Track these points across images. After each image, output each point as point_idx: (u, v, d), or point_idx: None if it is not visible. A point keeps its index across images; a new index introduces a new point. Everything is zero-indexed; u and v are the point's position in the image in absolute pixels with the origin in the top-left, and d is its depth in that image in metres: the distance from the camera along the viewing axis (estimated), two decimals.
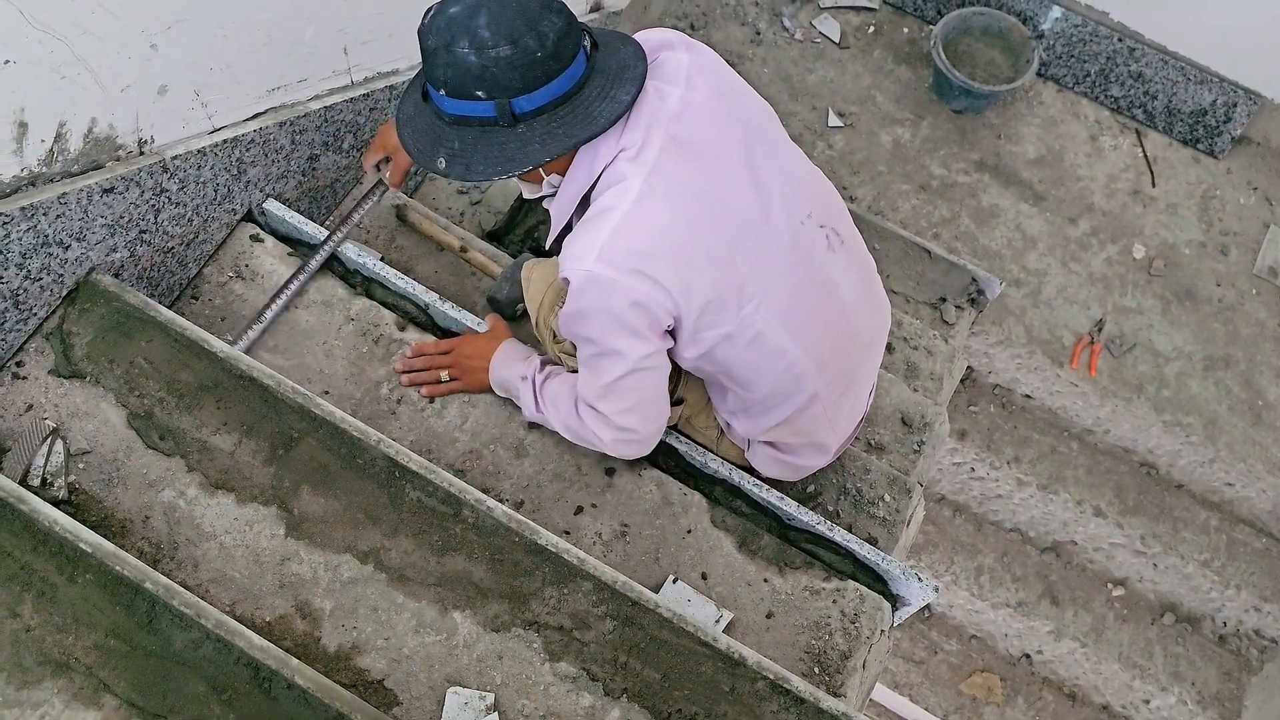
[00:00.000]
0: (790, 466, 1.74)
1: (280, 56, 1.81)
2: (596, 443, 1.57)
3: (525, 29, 1.29)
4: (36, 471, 1.47)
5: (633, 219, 1.35)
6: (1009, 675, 2.97)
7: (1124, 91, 3.15)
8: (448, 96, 1.34)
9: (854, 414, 1.74)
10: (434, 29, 1.32)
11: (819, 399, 1.60)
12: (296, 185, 1.99)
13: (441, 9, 1.33)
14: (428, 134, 1.40)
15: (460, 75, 1.31)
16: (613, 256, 1.35)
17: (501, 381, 1.72)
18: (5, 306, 1.48)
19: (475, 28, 1.29)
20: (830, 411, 1.64)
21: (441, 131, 1.38)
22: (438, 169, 1.39)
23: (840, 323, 1.59)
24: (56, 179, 1.49)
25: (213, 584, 1.46)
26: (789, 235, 1.47)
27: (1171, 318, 2.95)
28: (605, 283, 1.35)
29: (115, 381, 1.56)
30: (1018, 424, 2.95)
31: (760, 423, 1.65)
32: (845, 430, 1.73)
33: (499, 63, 1.29)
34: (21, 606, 1.31)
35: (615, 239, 1.35)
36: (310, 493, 1.53)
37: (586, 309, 1.39)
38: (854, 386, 1.69)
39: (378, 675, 1.43)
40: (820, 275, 1.53)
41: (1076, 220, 3.04)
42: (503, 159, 1.36)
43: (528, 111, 1.34)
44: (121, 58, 1.49)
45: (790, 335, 1.50)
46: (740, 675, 1.46)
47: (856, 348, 1.65)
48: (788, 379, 1.55)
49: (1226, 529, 2.91)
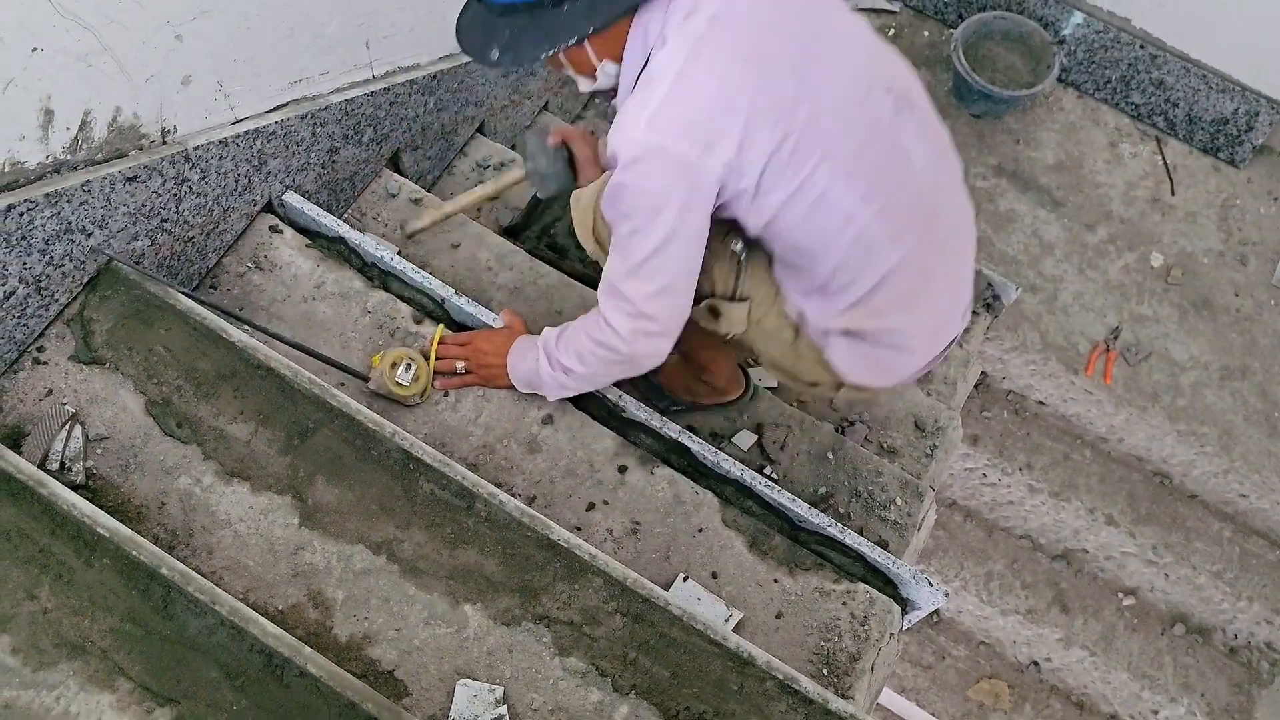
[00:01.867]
0: (873, 363, 1.62)
1: (302, 49, 1.82)
2: (614, 342, 1.51)
3: None
4: (55, 456, 1.48)
5: (681, 86, 1.33)
6: (1017, 682, 2.96)
7: (1145, 99, 3.13)
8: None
9: (940, 317, 1.61)
10: None
11: (894, 276, 1.49)
12: (316, 178, 2.01)
13: None
14: (483, 30, 1.44)
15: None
16: (661, 123, 1.33)
17: (520, 374, 1.72)
18: (28, 292, 1.50)
19: None
20: (909, 297, 1.53)
21: (494, 24, 1.42)
22: (491, 61, 1.42)
23: (912, 193, 1.48)
24: (81, 166, 1.50)
25: (227, 571, 1.47)
26: (852, 92, 1.41)
27: (1188, 327, 2.93)
28: (655, 149, 1.33)
29: (134, 368, 1.58)
30: (1031, 430, 2.94)
31: (834, 303, 1.54)
32: (930, 330, 1.61)
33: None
34: (39, 589, 1.32)
35: (664, 106, 1.33)
36: (325, 483, 1.54)
37: (632, 180, 1.37)
38: (936, 279, 1.57)
39: (388, 666, 1.44)
40: (889, 137, 1.45)
41: (1094, 227, 3.03)
42: (549, 35, 1.38)
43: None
44: (147, 47, 1.50)
45: (857, 197, 1.42)
46: (749, 675, 1.46)
47: (934, 229, 1.53)
48: (858, 249, 1.46)
49: (1239, 540, 2.90)
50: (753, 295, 1.62)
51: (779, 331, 1.64)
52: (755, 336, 1.67)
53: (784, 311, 1.62)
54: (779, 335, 1.64)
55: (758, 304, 1.63)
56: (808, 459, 1.97)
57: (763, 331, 1.65)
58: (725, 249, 1.58)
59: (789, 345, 1.64)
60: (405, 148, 2.25)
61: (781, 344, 1.65)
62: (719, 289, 1.62)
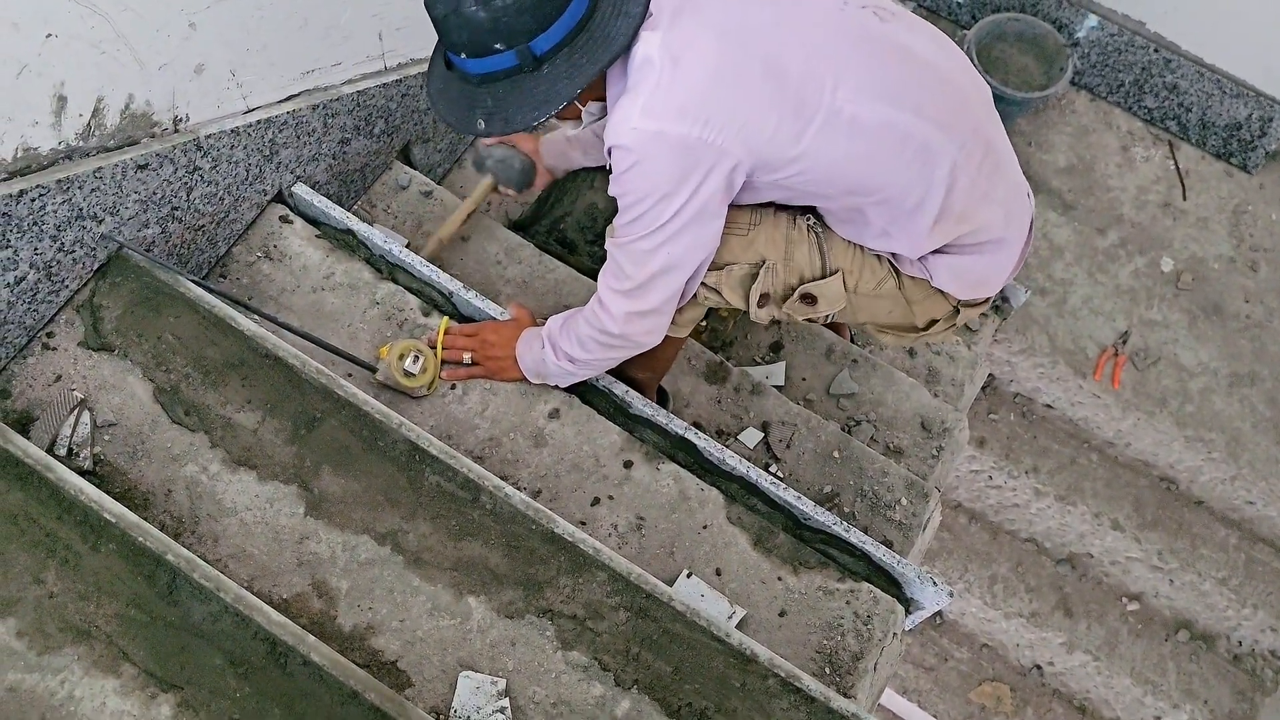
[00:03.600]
0: (977, 272, 1.59)
1: (316, 39, 1.82)
2: (608, 324, 1.54)
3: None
4: (63, 441, 1.49)
5: (668, 80, 1.34)
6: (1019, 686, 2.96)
7: (1158, 102, 3.12)
8: (469, 58, 1.36)
9: (1011, 196, 1.57)
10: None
11: (960, 171, 1.45)
12: (327, 168, 2.01)
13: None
14: (460, 101, 1.41)
15: (475, 33, 1.32)
16: (657, 110, 1.34)
17: (528, 364, 1.72)
18: (38, 278, 1.50)
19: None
20: (983, 182, 1.49)
21: (472, 94, 1.40)
22: (478, 131, 1.40)
23: (935, 83, 1.46)
24: (93, 153, 1.51)
25: (232, 559, 1.48)
26: (832, 13, 1.42)
27: (1198, 332, 2.92)
28: (653, 135, 1.34)
29: (143, 355, 1.58)
30: (1037, 433, 2.93)
31: (918, 225, 1.49)
32: (1009, 213, 1.57)
33: (508, 10, 1.30)
34: (45, 573, 1.33)
35: (655, 95, 1.34)
36: (331, 473, 1.54)
37: (634, 169, 1.38)
38: (994, 151, 1.52)
39: (391, 656, 1.44)
40: (886, 42, 1.43)
41: (1105, 231, 3.02)
42: (536, 103, 1.37)
43: (548, 50, 1.35)
44: (161, 35, 1.50)
45: (887, 103, 1.40)
46: (751, 672, 1.46)
47: (970, 110, 1.50)
48: (916, 158, 1.43)
49: (1246, 547, 2.89)
50: (841, 265, 1.61)
51: (880, 285, 1.62)
52: (858, 306, 1.66)
53: (876, 266, 1.61)
54: (882, 289, 1.62)
55: (849, 271, 1.61)
56: (813, 458, 1.96)
57: (863, 296, 1.64)
58: (798, 230, 1.58)
59: (895, 294, 1.63)
60: (416, 140, 2.25)
61: (887, 298, 1.64)
62: (807, 273, 1.61)
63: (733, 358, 2.18)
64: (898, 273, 1.61)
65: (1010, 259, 1.62)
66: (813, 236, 1.58)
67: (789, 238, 1.58)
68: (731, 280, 1.63)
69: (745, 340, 2.22)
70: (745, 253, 1.61)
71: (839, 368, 2.20)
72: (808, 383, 2.18)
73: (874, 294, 1.63)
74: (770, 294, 1.65)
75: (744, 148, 1.38)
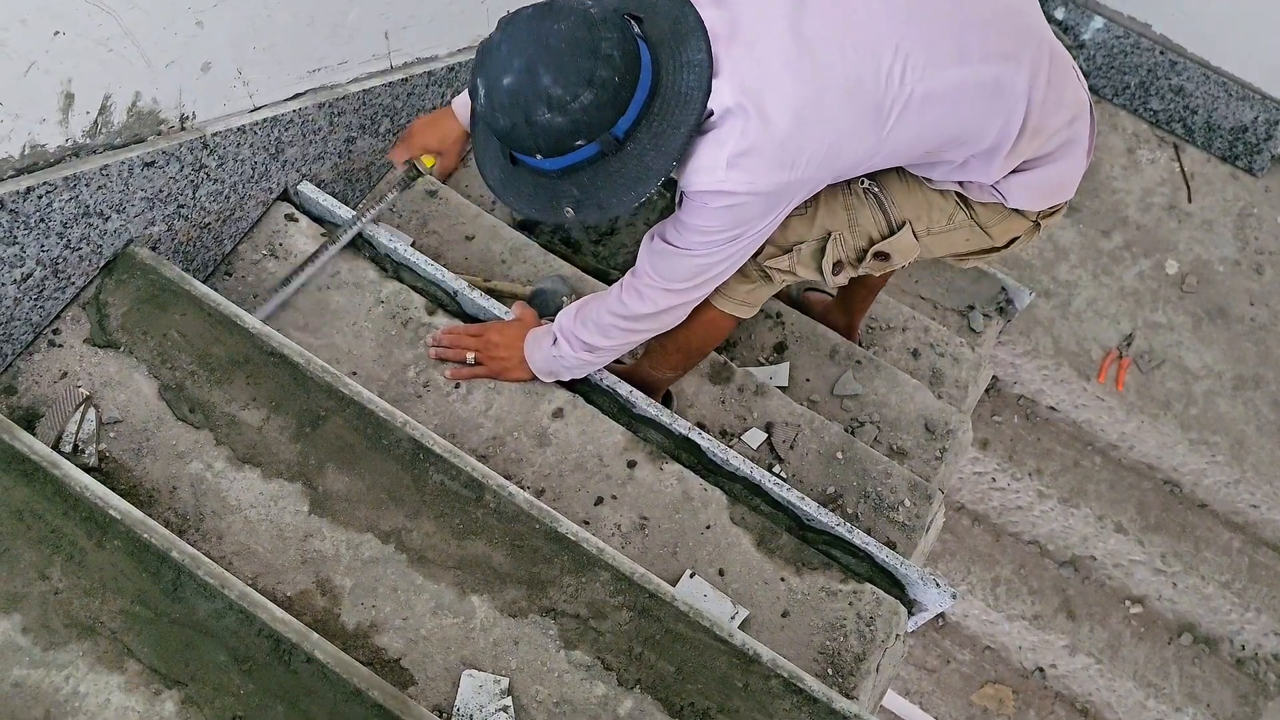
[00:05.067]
0: (1053, 180, 1.56)
1: (322, 38, 1.83)
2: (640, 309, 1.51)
3: (592, 62, 1.20)
4: (69, 438, 1.49)
5: (755, 131, 1.27)
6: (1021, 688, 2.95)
7: (1164, 105, 3.12)
8: (545, 158, 1.27)
9: (1073, 84, 1.52)
10: (500, 107, 1.23)
11: (1034, 88, 1.42)
12: (332, 167, 2.01)
13: (492, 84, 1.22)
14: (541, 192, 1.33)
15: (553, 137, 1.23)
16: (747, 165, 1.28)
17: (538, 362, 1.72)
18: (44, 275, 1.50)
19: (544, 89, 1.19)
20: (1053, 92, 1.45)
21: (553, 186, 1.31)
22: (567, 220, 1.34)
23: (988, 10, 1.40)
24: (99, 151, 1.51)
25: (236, 556, 1.48)
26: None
27: (1202, 335, 2.92)
28: (743, 186, 1.30)
29: (148, 353, 1.58)
30: (1041, 436, 2.93)
31: (996, 156, 1.47)
32: (1077, 104, 1.52)
33: (587, 110, 1.21)
34: (51, 569, 1.33)
35: (741, 147, 1.27)
36: (335, 471, 1.54)
37: (712, 211, 1.33)
38: (1054, 54, 1.47)
39: (394, 654, 1.44)
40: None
41: (1110, 233, 3.02)
42: (631, 183, 1.28)
43: (629, 128, 1.27)
44: (168, 33, 1.51)
45: (954, 64, 1.35)
46: (754, 672, 1.46)
47: (1024, 19, 1.45)
48: (992, 99, 1.39)
49: (1249, 551, 2.88)
50: (907, 215, 1.59)
51: (951, 219, 1.59)
52: (932, 246, 1.64)
53: (942, 204, 1.58)
54: (954, 223, 1.60)
55: (916, 219, 1.59)
56: (817, 458, 1.96)
57: (936, 235, 1.61)
58: (855, 196, 1.56)
59: (968, 224, 1.59)
60: None
61: (961, 229, 1.61)
62: (875, 234, 1.60)
63: (736, 358, 2.19)
64: (966, 202, 1.57)
65: (1081, 156, 1.57)
66: (871, 198, 1.55)
67: (848, 205, 1.56)
68: (803, 258, 1.64)
69: (749, 341, 2.22)
70: (810, 230, 1.61)
71: (843, 369, 2.20)
72: (811, 383, 2.18)
73: (946, 230, 1.60)
74: (843, 260, 1.64)
75: (830, 170, 1.35)
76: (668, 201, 2.30)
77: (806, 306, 2.34)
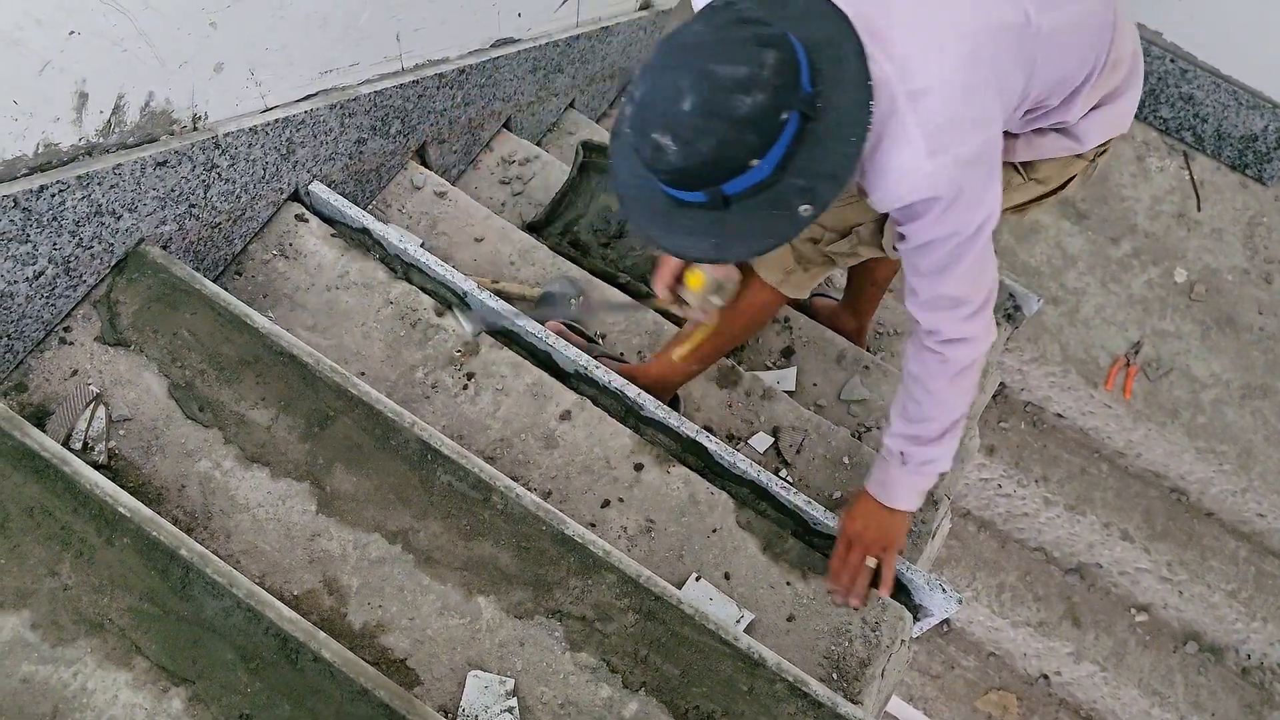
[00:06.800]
0: (1120, 111, 1.56)
1: (334, 39, 1.84)
2: (969, 353, 1.43)
3: (748, 28, 1.10)
4: (79, 435, 1.50)
5: (934, 104, 1.20)
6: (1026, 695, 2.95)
7: (1173, 113, 3.11)
8: (762, 157, 1.11)
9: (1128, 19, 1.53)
10: (696, 134, 1.09)
11: (1116, 16, 1.43)
12: (343, 168, 2.02)
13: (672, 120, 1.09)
14: (765, 212, 1.15)
15: (762, 121, 1.10)
16: (942, 139, 1.21)
17: (907, 493, 1.62)
18: (56, 272, 1.51)
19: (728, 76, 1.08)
20: (1123, 22, 1.46)
21: (775, 195, 1.15)
22: (806, 221, 1.16)
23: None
24: (112, 150, 1.52)
25: (244, 555, 1.48)
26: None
27: (1210, 344, 2.91)
28: (952, 164, 1.22)
29: (158, 351, 1.59)
30: (1048, 443, 2.93)
31: (1081, 93, 1.46)
32: (1135, 33, 1.54)
33: (777, 69, 1.09)
34: (60, 565, 1.34)
35: (928, 126, 1.20)
36: (343, 471, 1.55)
37: (946, 209, 1.25)
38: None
39: (400, 654, 1.44)
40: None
41: (1118, 240, 3.01)
42: (845, 134, 1.13)
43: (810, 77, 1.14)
44: (181, 34, 1.51)
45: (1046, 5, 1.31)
46: (759, 676, 1.46)
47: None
48: (1094, 30, 1.39)
49: (1256, 560, 2.88)
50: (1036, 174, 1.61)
51: (1008, 184, 1.59)
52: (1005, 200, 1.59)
53: (1017, 165, 1.58)
54: (1010, 185, 1.60)
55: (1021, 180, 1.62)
56: (823, 463, 1.97)
57: (1011, 187, 1.62)
58: None
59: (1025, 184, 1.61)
60: (432, 141, 2.26)
61: (1018, 190, 1.61)
62: None
63: (744, 362, 2.19)
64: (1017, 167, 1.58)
65: (1140, 85, 1.57)
66: None
67: None
68: (864, 237, 1.66)
69: (756, 345, 2.22)
70: (867, 212, 1.63)
71: (850, 373, 2.20)
72: (819, 388, 2.18)
73: (1005, 192, 1.57)
74: None
75: (1003, 111, 1.30)
76: None
77: (814, 311, 2.35)
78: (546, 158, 2.48)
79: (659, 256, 1.71)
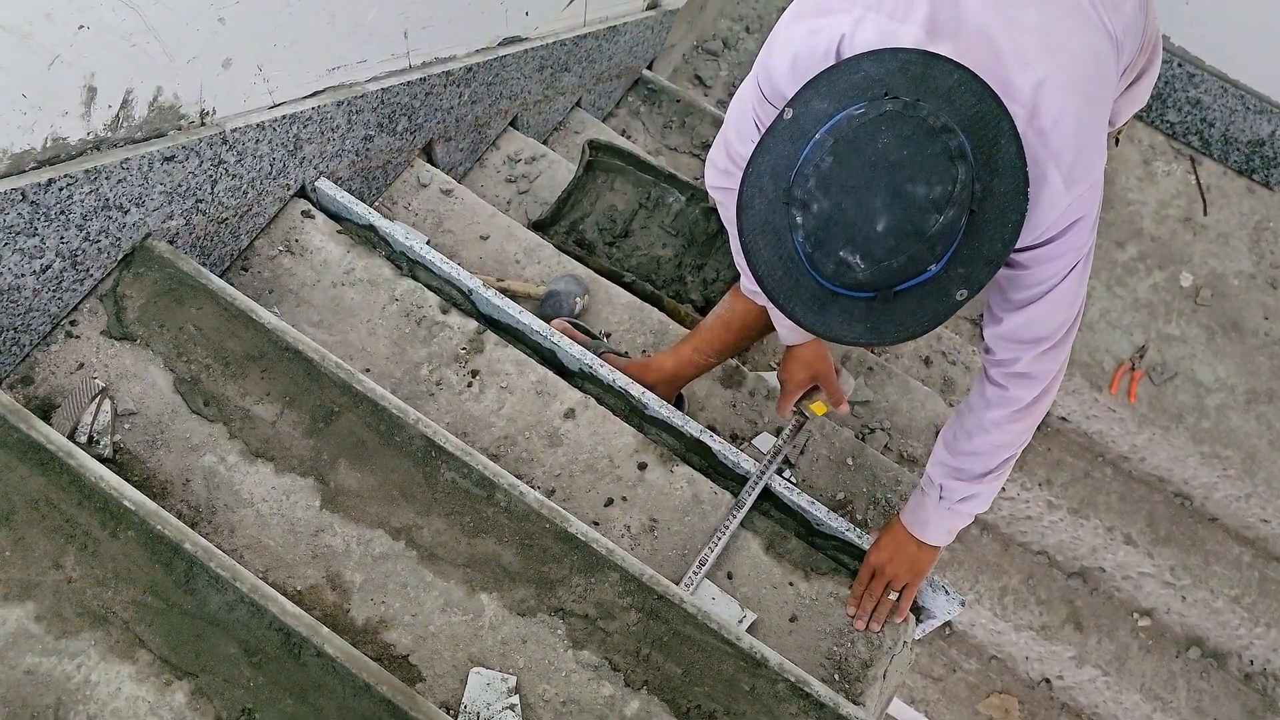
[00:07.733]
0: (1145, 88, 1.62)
1: (342, 37, 1.84)
2: (1039, 393, 1.41)
3: (940, 141, 1.08)
4: (84, 429, 1.50)
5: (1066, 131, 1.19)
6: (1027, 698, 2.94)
7: (1180, 117, 3.11)
8: (938, 261, 1.10)
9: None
10: (889, 252, 1.07)
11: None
12: (350, 165, 2.02)
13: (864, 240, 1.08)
14: (928, 300, 1.13)
15: (950, 234, 1.09)
16: (1081, 167, 1.20)
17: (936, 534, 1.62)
18: (63, 266, 1.52)
19: (922, 198, 1.07)
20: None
21: (936, 286, 1.13)
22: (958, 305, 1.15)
23: None
24: (120, 144, 1.52)
25: (247, 549, 1.49)
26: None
27: (1216, 348, 2.91)
28: (1090, 187, 1.23)
29: (164, 346, 1.59)
30: (1051, 446, 2.92)
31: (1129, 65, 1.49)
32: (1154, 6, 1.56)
33: (967, 184, 1.09)
34: (65, 558, 1.34)
35: (1066, 157, 1.19)
36: (347, 467, 1.55)
37: (1066, 232, 1.24)
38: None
39: (403, 650, 1.45)
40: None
41: (1124, 244, 3.01)
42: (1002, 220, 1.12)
43: None
44: (190, 29, 1.52)
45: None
46: (761, 676, 1.46)
47: None
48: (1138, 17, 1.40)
49: (1259, 566, 2.87)
50: None
51: None
52: None
53: None
54: None
55: None
56: (827, 464, 1.97)
57: None
58: None
59: None
60: (438, 138, 2.27)
61: None
62: None
63: (748, 362, 2.19)
64: None
65: (1159, 60, 1.61)
66: None
67: None
68: None
69: (761, 345, 2.22)
70: None
71: (854, 375, 2.20)
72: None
73: None
74: None
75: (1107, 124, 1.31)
76: None
77: None
78: (553, 156, 2.49)
79: (784, 382, 1.78)
